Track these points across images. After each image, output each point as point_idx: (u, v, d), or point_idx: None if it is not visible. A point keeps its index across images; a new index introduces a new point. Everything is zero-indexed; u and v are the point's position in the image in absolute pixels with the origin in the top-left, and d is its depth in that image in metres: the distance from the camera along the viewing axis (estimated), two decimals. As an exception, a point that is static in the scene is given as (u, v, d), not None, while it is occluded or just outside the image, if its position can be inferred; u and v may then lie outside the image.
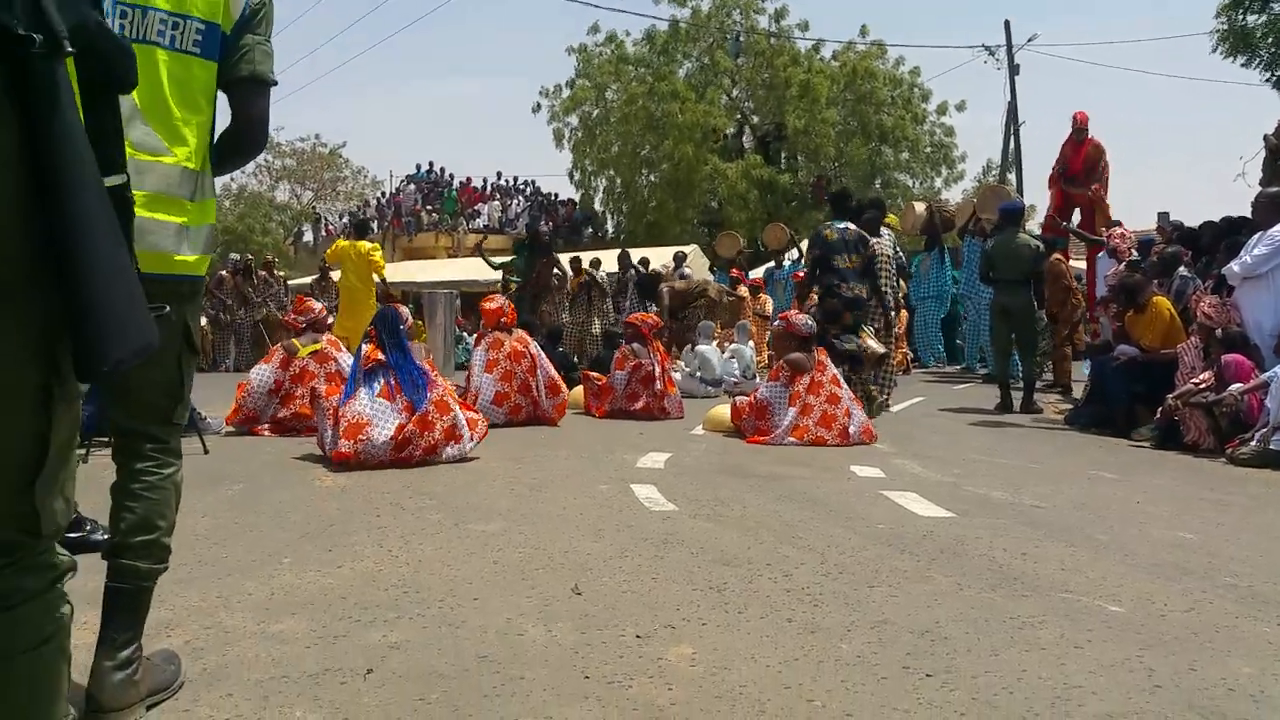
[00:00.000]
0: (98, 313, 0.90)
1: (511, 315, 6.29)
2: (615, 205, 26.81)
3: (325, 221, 30.97)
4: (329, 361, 5.69)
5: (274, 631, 2.14)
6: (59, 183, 0.88)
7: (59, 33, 0.87)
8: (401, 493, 3.74)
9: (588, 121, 25.56)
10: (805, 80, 22.95)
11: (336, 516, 3.30)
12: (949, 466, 4.59)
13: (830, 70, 23.62)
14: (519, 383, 6.03)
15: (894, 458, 4.87)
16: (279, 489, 3.83)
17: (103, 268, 0.90)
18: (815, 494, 3.82)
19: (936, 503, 3.65)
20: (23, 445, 0.94)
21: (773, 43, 24.04)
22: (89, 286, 0.89)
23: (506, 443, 5.29)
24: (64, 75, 0.88)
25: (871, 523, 3.30)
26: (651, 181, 25.66)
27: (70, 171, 0.88)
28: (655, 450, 4.96)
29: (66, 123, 0.88)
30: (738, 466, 4.54)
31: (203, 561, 2.71)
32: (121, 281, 0.92)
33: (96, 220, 0.90)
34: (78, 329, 0.90)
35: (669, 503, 3.58)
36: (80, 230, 0.89)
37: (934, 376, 10.69)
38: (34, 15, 0.86)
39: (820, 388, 5.40)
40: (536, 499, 3.65)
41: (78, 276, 0.89)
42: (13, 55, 0.84)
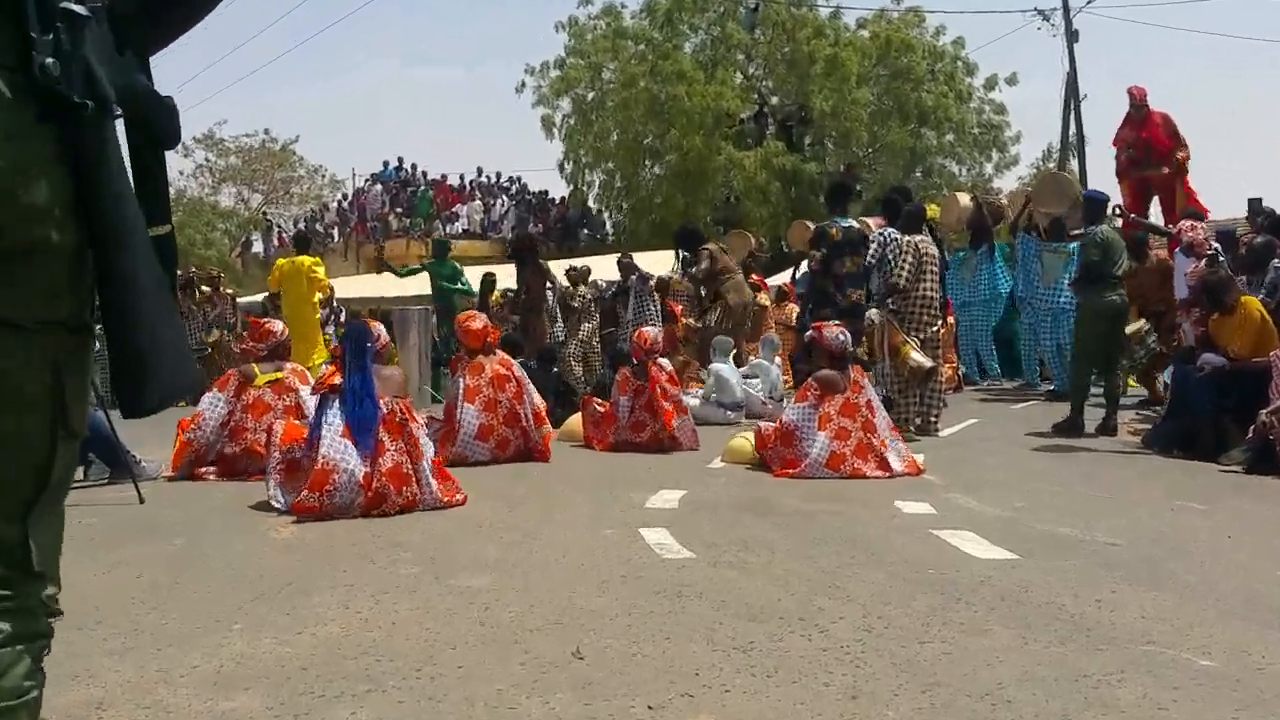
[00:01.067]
0: (144, 359, 1.12)
1: (495, 336, 6.32)
2: (614, 202, 26.98)
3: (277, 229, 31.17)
4: (288, 394, 5.70)
5: (224, 710, 2.14)
6: (108, 236, 1.10)
7: (108, 97, 1.09)
8: (370, 543, 3.75)
9: (581, 106, 25.75)
10: (832, 55, 23.12)
11: (295, 573, 3.31)
12: (1009, 499, 4.57)
13: (861, 43, 23.79)
14: (505, 412, 6.04)
15: (945, 490, 4.86)
16: (228, 542, 3.83)
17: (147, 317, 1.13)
18: (854, 535, 3.81)
19: (995, 542, 3.64)
20: (25, 476, 1.10)
21: (794, 12, 24.26)
22: (136, 336, 1.11)
23: (493, 481, 5.29)
24: (112, 134, 1.11)
25: (920, 567, 3.29)
26: (656, 175, 25.81)
27: (118, 225, 1.10)
28: (667, 487, 4.96)
29: (114, 178, 1.10)
30: (764, 504, 4.53)
31: (139, 629, 2.71)
32: (165, 327, 1.15)
33: (141, 271, 1.12)
34: (124, 374, 1.12)
35: (684, 549, 3.59)
36: (126, 281, 1.11)
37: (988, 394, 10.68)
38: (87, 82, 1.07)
39: (855, 410, 5.40)
40: (530, 547, 3.65)
41: (124, 327, 1.11)
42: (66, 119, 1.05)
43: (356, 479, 4.26)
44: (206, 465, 5.57)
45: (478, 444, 5.95)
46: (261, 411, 5.59)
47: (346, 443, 4.32)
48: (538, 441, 6.12)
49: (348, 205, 28.93)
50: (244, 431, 5.57)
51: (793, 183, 23.64)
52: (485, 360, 6.12)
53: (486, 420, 5.99)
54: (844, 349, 5.60)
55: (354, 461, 4.28)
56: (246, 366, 5.84)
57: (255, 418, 5.58)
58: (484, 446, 5.97)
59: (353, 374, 4.47)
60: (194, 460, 5.55)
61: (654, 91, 24.00)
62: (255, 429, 5.52)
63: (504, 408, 6.04)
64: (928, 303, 7.15)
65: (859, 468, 5.25)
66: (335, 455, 4.28)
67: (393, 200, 26.58)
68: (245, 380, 5.70)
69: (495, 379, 6.06)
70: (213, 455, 5.58)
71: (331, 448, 4.30)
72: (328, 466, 4.25)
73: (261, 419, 5.52)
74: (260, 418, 5.54)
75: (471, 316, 6.39)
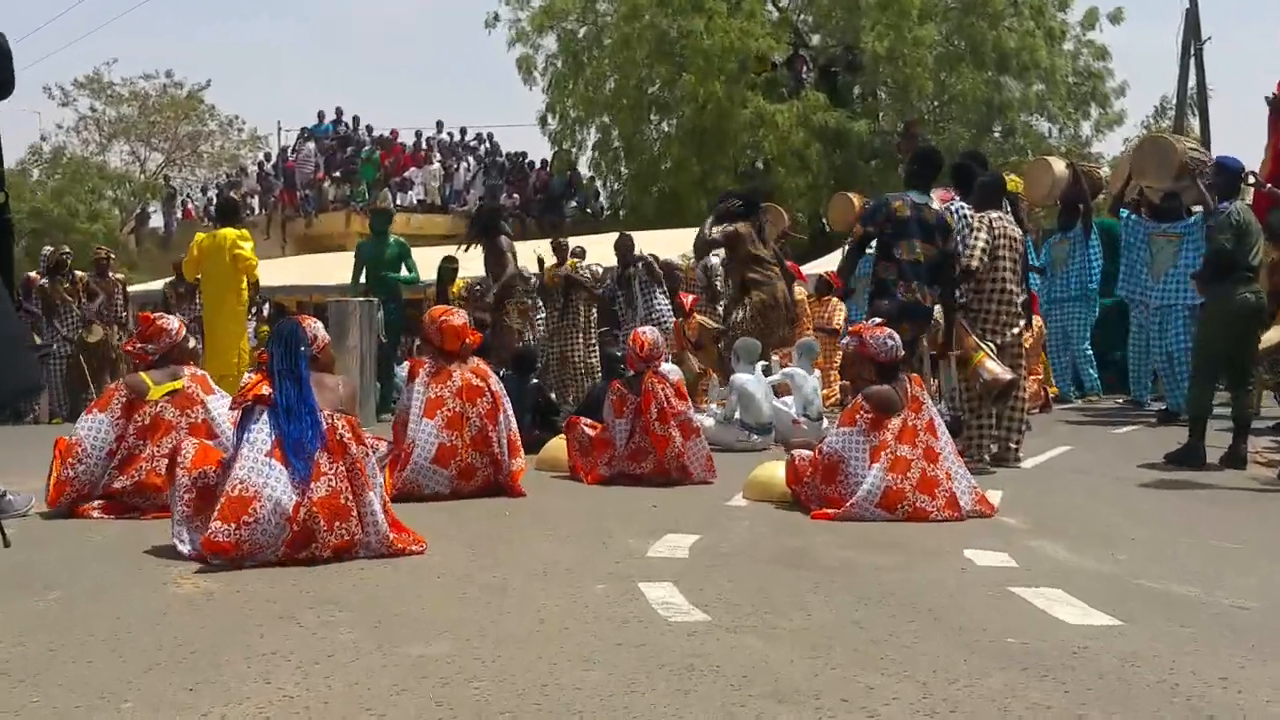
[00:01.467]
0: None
1: (476, 338, 6.32)
2: (611, 168, 27.05)
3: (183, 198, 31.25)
4: (193, 407, 5.68)
5: (111, 810, 2.14)
6: None
7: None
8: (297, 599, 3.74)
9: (570, 45, 25.85)
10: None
11: (202, 637, 3.31)
12: (1109, 549, 4.57)
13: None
14: (474, 433, 6.04)
15: (1027, 536, 4.85)
16: (117, 596, 3.82)
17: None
18: (913, 592, 3.81)
19: (1091, 603, 3.63)
20: None
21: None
22: None
23: (454, 520, 5.28)
24: None
25: (996, 635, 3.29)
26: (665, 133, 25.87)
27: None
28: (675, 531, 4.95)
29: None
30: (797, 553, 4.53)
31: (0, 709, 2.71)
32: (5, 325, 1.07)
33: None
34: None
35: (696, 609, 3.58)
36: None
37: (1084, 415, 10.67)
38: None
39: (914, 434, 5.41)
40: (500, 607, 3.64)
41: None
42: None
43: (284, 510, 4.24)
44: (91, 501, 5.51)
45: (435, 470, 5.94)
46: (162, 432, 5.53)
47: (272, 463, 4.30)
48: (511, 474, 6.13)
49: (271, 169, 29.00)
50: (137, 460, 5.49)
51: (837, 144, 23.72)
52: (455, 367, 6.12)
53: (449, 440, 5.97)
54: (895, 356, 5.61)
55: (280, 488, 4.26)
56: (134, 377, 5.77)
57: (153, 441, 5.51)
58: (442, 474, 5.96)
59: (286, 386, 4.46)
60: (79, 495, 5.49)
61: (663, 26, 24.08)
62: (154, 456, 5.44)
63: (473, 427, 6.03)
64: (1006, 298, 7.15)
65: (921, 506, 5.26)
66: (256, 479, 4.26)
67: (328, 162, 26.61)
68: (135, 395, 5.63)
69: (465, 390, 6.05)
70: (99, 491, 5.51)
71: (252, 470, 4.28)
72: (246, 493, 4.23)
73: (161, 442, 5.47)
74: (160, 441, 5.49)
75: (449, 311, 6.39)
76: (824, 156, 23.38)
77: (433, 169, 25.96)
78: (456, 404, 6.03)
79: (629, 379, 6.79)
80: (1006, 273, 7.15)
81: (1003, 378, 6.79)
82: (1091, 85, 24.85)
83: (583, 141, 27.01)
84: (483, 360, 6.45)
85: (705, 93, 23.10)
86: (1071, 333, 11.55)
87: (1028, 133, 24.75)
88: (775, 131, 22.93)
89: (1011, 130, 24.69)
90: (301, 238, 25.49)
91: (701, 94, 23.18)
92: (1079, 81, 24.85)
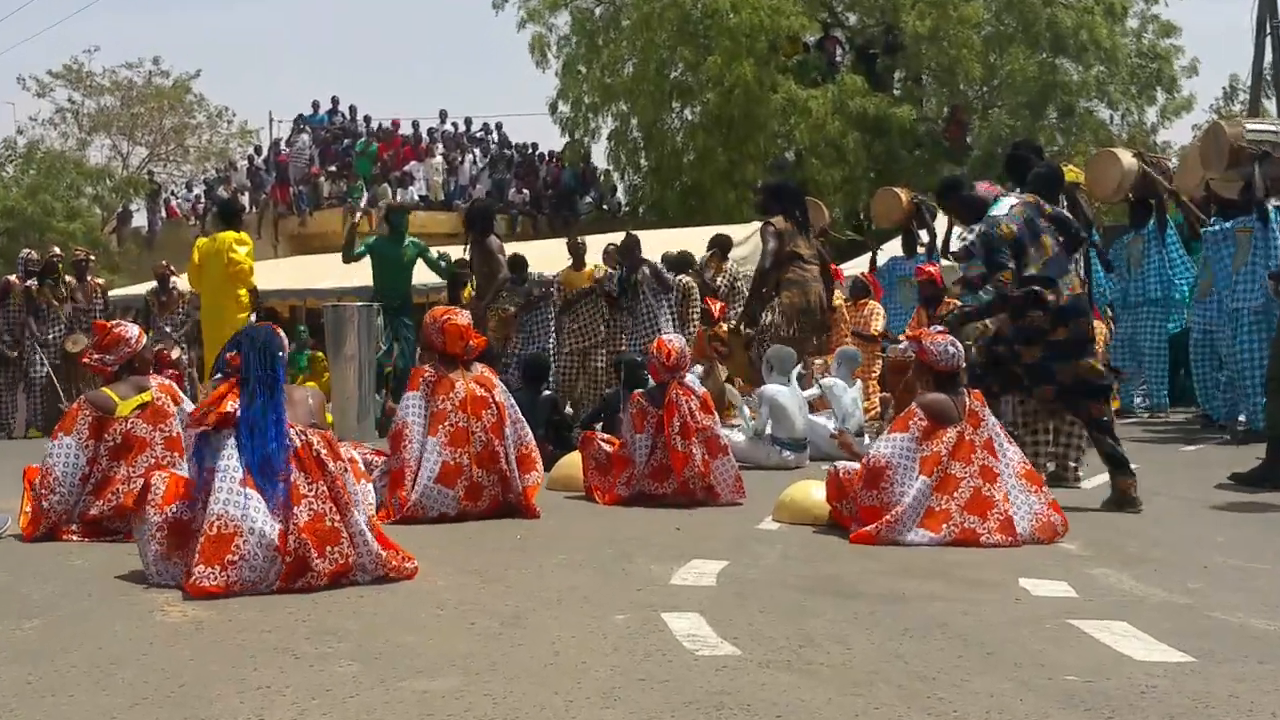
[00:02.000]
0: None
1: (480, 341, 6.34)
2: (630, 159, 27.05)
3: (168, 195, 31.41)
4: (166, 421, 5.69)
5: None
6: None
7: None
8: (292, 629, 3.76)
9: (585, 25, 25.90)
10: (932, -45, 23.20)
11: (190, 669, 3.32)
12: (1179, 578, 4.54)
13: (971, -61, 23.83)
14: (480, 449, 6.05)
15: (1089, 564, 4.83)
16: (98, 625, 3.84)
17: None
18: (964, 625, 3.79)
19: (1160, 637, 3.61)
20: None
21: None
22: None
23: (461, 545, 5.29)
24: None
25: (1056, 672, 3.27)
26: (688, 121, 25.88)
27: None
28: (701, 556, 4.95)
29: None
30: (836, 581, 4.52)
31: (-21, 746, 2.73)
32: None
33: None
34: None
35: (724, 642, 3.58)
36: None
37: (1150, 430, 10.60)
38: None
39: (971, 451, 5.39)
40: (512, 638, 3.65)
41: None
42: None
43: (269, 541, 4.25)
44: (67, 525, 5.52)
45: (439, 490, 5.96)
46: (136, 451, 5.55)
47: (249, 493, 4.29)
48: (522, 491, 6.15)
49: (263, 163, 29.14)
50: (112, 483, 5.49)
51: (876, 133, 23.65)
52: (457, 375, 6.14)
53: (453, 458, 5.99)
54: (955, 366, 5.60)
55: (261, 518, 4.27)
56: (97, 394, 5.74)
57: (128, 461, 5.53)
58: (448, 495, 5.97)
59: (258, 398, 4.42)
60: (54, 526, 5.49)
61: (686, 5, 24.11)
62: (129, 477, 5.44)
63: (478, 442, 6.04)
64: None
65: (972, 529, 5.24)
66: (234, 512, 4.25)
67: (323, 155, 26.73)
68: (102, 413, 5.61)
69: (469, 401, 6.07)
70: (75, 518, 5.51)
71: (229, 503, 4.26)
72: (225, 529, 4.22)
73: (136, 462, 5.50)
74: (134, 460, 5.52)
75: (452, 311, 6.40)
76: (862, 146, 23.32)
77: (435, 162, 26.01)
78: (460, 417, 6.03)
79: (651, 390, 6.79)
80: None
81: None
82: (1157, 66, 24.69)
83: (598, 131, 27.04)
84: (488, 367, 6.46)
85: (732, 77, 23.08)
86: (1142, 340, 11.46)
87: (1087, 120, 24.62)
88: (808, 119, 22.90)
89: (1069, 111, 24.53)
90: (295, 237, 25.56)
91: (728, 78, 23.16)
92: (1143, 63, 24.71)
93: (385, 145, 26.75)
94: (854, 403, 8.99)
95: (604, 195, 27.30)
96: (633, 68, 25.50)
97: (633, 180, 27.64)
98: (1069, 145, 24.19)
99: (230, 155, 34.67)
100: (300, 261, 21.36)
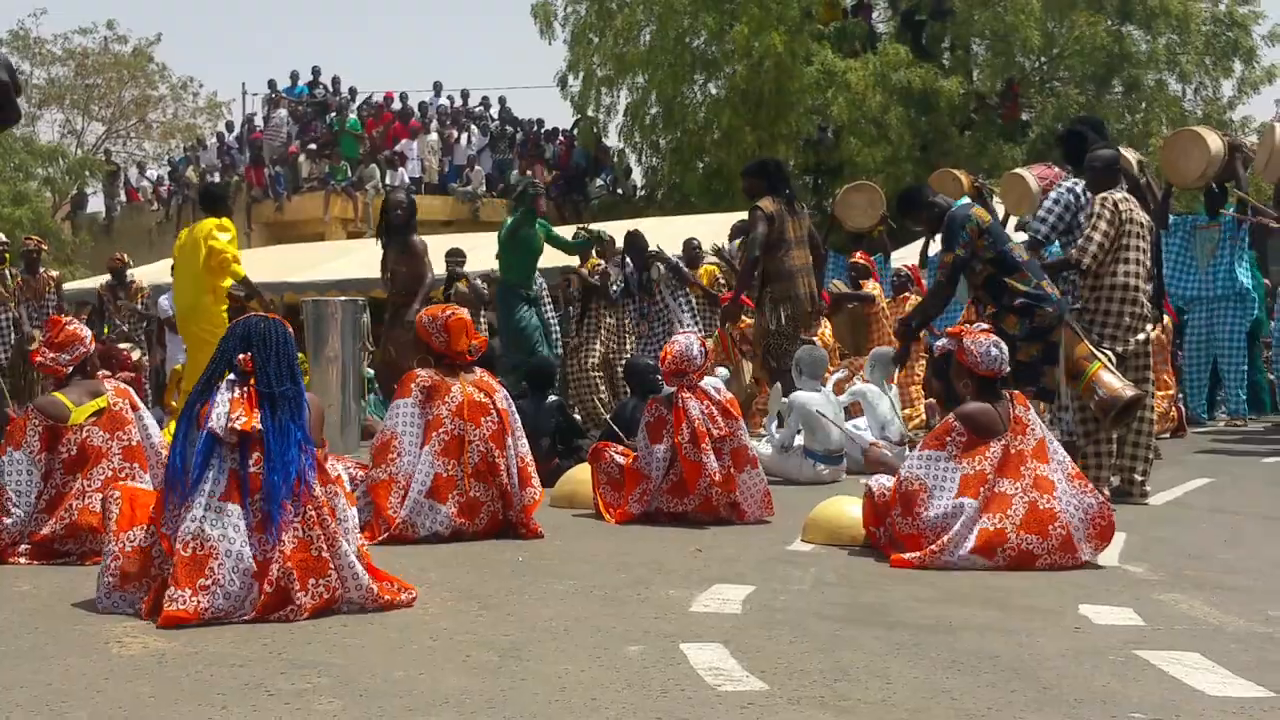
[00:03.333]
0: None
1: (482, 341, 6.36)
2: (647, 139, 27.02)
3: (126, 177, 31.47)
4: (124, 428, 5.71)
5: None
6: None
7: None
8: (269, 663, 3.76)
9: (597, -10, 25.83)
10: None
11: (152, 709, 3.32)
12: (1258, 604, 4.53)
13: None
14: (478, 460, 6.06)
15: (1157, 589, 4.81)
16: (48, 659, 3.84)
17: None
18: (1016, 657, 3.78)
19: (1236, 670, 3.61)
20: None
21: None
22: None
23: (456, 569, 5.29)
24: None
25: (1121, 707, 3.27)
26: (712, 96, 25.84)
27: None
28: (725, 581, 4.95)
29: None
30: (874, 609, 4.51)
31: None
32: None
33: None
34: None
35: (751, 676, 3.57)
36: None
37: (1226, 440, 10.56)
38: None
39: (1020, 463, 5.37)
40: (512, 673, 3.65)
41: None
42: None
43: (246, 565, 4.26)
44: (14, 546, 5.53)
45: (430, 505, 5.96)
46: (92, 462, 5.57)
47: (227, 508, 4.30)
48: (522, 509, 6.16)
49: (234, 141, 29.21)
50: (65, 499, 5.52)
51: (922, 108, 23.59)
52: (454, 380, 6.15)
53: (446, 470, 6.01)
54: (999, 369, 5.58)
55: (239, 538, 4.27)
56: (47, 400, 5.76)
57: (83, 474, 5.55)
58: (441, 511, 5.98)
59: (280, 410, 4.40)
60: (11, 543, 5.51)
61: (709, -34, 24.10)
62: (84, 491, 5.48)
63: (475, 452, 6.06)
64: (1131, 296, 7.11)
65: (1027, 549, 5.22)
66: (212, 531, 4.25)
67: (303, 132, 26.78)
68: (54, 421, 5.62)
69: (467, 407, 6.08)
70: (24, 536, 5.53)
71: (204, 520, 4.26)
72: (201, 550, 4.23)
73: (92, 474, 5.52)
74: (90, 473, 5.54)
75: (452, 308, 6.42)
76: (906, 123, 23.24)
77: (429, 140, 26.06)
78: (456, 424, 6.04)
79: (666, 397, 6.80)
80: (1134, 266, 7.10)
81: (1124, 394, 6.73)
82: (1235, 36, 24.57)
83: (612, 107, 27.03)
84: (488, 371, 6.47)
85: (761, 47, 23.01)
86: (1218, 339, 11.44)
87: (1157, 94, 24.51)
88: (847, 93, 22.83)
89: (1136, 85, 24.43)
90: (271, 224, 25.62)
91: (757, 48, 23.11)
92: (1218, 31, 24.61)
93: (373, 121, 26.82)
94: (891, 408, 8.98)
95: (617, 177, 27.31)
96: (649, 36, 25.48)
97: (650, 161, 27.63)
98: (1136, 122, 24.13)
99: (198, 132, 34.69)
100: (276, 251, 21.41)
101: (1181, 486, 7.68)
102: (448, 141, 26.28)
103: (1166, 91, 24.90)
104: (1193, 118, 23.82)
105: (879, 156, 22.71)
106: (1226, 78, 25.10)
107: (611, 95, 26.82)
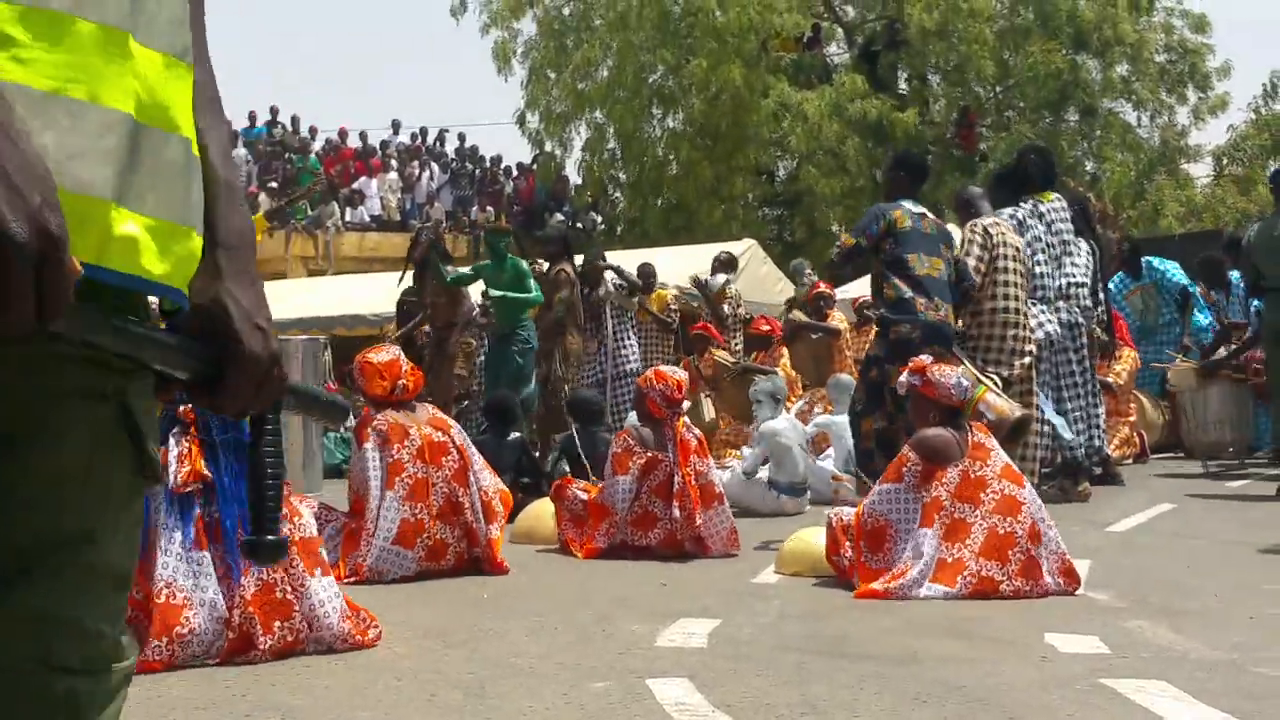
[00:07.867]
0: None
1: (416, 380, 6.34)
2: (606, 173, 27.09)
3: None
4: None
5: None
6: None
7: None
8: (232, 707, 3.73)
9: (553, 26, 25.96)
10: (938, -59, 23.39)
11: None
12: (1224, 631, 4.54)
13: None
14: (442, 501, 6.04)
15: (1122, 616, 4.83)
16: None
17: None
18: (982, 688, 3.79)
19: (1202, 698, 3.61)
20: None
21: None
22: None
23: (421, 606, 5.27)
24: None
25: (1086, 739, 3.27)
26: (671, 130, 25.95)
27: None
28: (691, 615, 4.95)
29: None
30: (840, 641, 4.52)
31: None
32: None
33: None
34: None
35: (718, 711, 3.57)
36: None
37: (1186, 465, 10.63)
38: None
39: (980, 490, 5.39)
40: (479, 711, 3.63)
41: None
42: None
43: (219, 614, 4.24)
44: None
45: (397, 552, 5.93)
46: None
47: (197, 558, 4.27)
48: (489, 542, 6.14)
49: (193, 180, 29.05)
50: None
51: (879, 138, 23.72)
52: (408, 420, 6.13)
53: (413, 514, 5.98)
54: (965, 398, 5.61)
55: (212, 586, 4.25)
56: None
57: None
58: (406, 556, 5.95)
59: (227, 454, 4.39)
60: None
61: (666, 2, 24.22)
62: None
63: (439, 495, 6.04)
64: (1010, 320, 7.28)
65: (990, 577, 5.23)
66: (184, 581, 4.23)
67: (263, 172, 26.70)
68: None
69: (427, 449, 6.06)
70: None
71: (177, 570, 4.23)
72: (175, 600, 4.20)
73: None
74: None
75: (377, 348, 6.41)
76: (864, 153, 23.39)
77: (388, 178, 26.02)
78: (418, 468, 6.02)
79: (644, 428, 6.78)
80: (1012, 289, 7.23)
81: (1012, 415, 6.71)
82: (1188, 63, 24.88)
83: (569, 142, 27.04)
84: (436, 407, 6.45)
85: (719, 80, 23.18)
86: None
87: (1112, 121, 24.76)
88: (804, 124, 22.97)
89: (1090, 111, 24.67)
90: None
91: (714, 82, 23.27)
92: (1172, 60, 24.92)
93: (331, 160, 26.74)
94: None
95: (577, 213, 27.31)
96: (607, 72, 25.55)
97: (612, 198, 27.68)
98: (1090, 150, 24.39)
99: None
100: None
101: (1145, 512, 7.72)
102: (408, 179, 26.23)
103: (1121, 119, 25.17)
104: (1149, 144, 24.13)
105: (837, 187, 22.84)
106: (1182, 105, 25.39)
107: (570, 131, 26.82)
